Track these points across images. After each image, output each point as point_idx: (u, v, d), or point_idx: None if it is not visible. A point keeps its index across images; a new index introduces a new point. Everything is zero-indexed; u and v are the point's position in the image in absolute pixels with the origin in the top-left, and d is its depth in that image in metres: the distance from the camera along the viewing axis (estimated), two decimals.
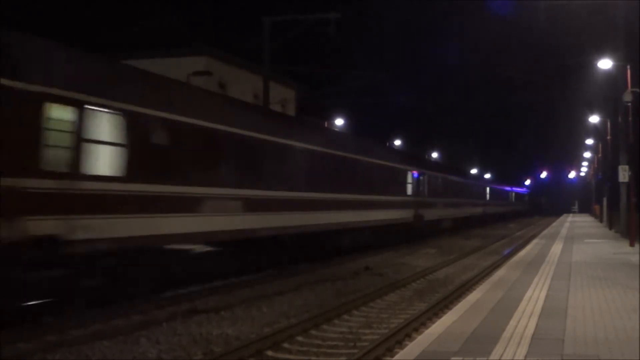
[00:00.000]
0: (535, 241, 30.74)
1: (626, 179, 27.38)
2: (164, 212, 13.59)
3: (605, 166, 46.80)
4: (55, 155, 11.02)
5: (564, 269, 16.98)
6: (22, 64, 10.61)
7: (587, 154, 73.98)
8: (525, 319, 9.64)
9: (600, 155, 53.14)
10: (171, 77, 17.04)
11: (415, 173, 33.92)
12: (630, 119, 27.91)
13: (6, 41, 10.67)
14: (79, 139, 11.47)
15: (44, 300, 11.39)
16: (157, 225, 13.39)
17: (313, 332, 11.46)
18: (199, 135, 14.83)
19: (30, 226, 10.40)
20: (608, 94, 38.21)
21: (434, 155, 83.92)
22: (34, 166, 10.58)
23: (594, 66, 31.70)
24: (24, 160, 10.47)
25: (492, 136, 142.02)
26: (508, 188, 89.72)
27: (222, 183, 15.73)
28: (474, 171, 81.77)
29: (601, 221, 52.75)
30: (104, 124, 12.18)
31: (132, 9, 66.23)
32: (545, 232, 42.14)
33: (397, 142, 71.55)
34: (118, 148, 12.47)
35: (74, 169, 11.40)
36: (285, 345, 10.48)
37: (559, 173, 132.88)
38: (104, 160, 12.24)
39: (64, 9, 65.33)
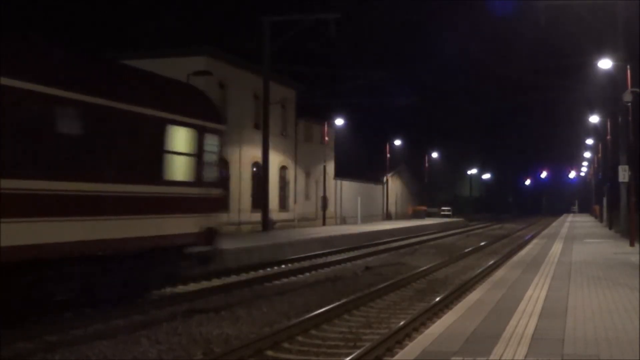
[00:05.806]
0: (535, 241, 30.72)
1: (626, 179, 27.37)
2: None
3: (605, 166, 46.82)
4: None
5: (564, 268, 16.97)
6: None
7: (587, 154, 74.09)
8: (525, 318, 9.64)
9: (600, 155, 53.16)
10: (171, 77, 16.85)
11: None
12: (630, 119, 27.90)
13: None
14: None
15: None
16: None
17: (313, 332, 11.45)
18: None
19: None
20: (608, 94, 38.23)
21: (434, 155, 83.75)
22: None
23: (594, 66, 31.76)
24: None
25: (492, 136, 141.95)
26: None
27: None
28: (473, 171, 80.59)
29: (601, 221, 52.76)
30: None
31: (132, 9, 66.31)
32: (545, 232, 42.16)
33: (397, 142, 71.28)
34: None
35: None
36: (285, 345, 10.48)
37: (559, 173, 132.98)
38: None
39: (65, 8, 65.42)
